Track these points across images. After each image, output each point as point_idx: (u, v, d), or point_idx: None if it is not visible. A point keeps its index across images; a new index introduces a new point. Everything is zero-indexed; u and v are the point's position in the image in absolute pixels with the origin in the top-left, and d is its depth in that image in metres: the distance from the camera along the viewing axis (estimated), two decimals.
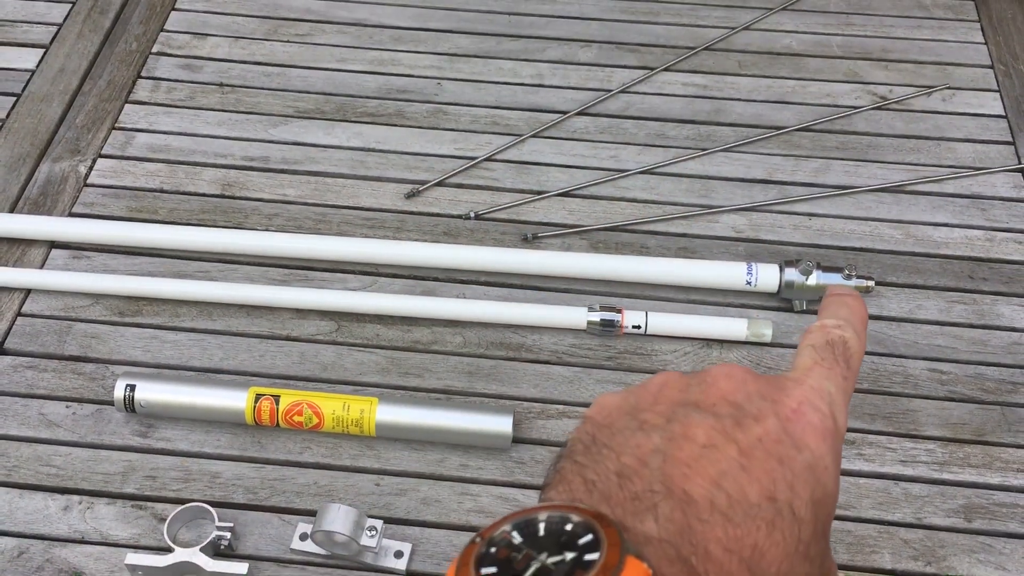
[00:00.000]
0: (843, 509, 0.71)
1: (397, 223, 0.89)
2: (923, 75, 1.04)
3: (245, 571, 0.65)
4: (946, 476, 0.74)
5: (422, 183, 0.92)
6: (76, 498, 0.71)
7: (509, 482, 0.73)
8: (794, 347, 0.79)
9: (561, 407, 0.77)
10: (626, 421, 0.34)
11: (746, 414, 0.33)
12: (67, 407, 0.76)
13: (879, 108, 1.00)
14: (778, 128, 0.98)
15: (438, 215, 0.90)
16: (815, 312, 0.81)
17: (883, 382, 0.79)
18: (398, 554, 0.68)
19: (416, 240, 0.88)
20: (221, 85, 1.01)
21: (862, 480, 0.73)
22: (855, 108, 1.00)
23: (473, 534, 0.25)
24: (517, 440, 0.75)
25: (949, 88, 1.02)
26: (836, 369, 0.36)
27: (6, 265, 0.84)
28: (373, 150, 0.95)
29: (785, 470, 0.32)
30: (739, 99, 1.01)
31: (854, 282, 0.81)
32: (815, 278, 0.81)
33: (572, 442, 0.36)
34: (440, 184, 0.93)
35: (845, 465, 0.74)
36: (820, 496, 0.32)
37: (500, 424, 0.73)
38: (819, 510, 0.32)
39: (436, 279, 0.85)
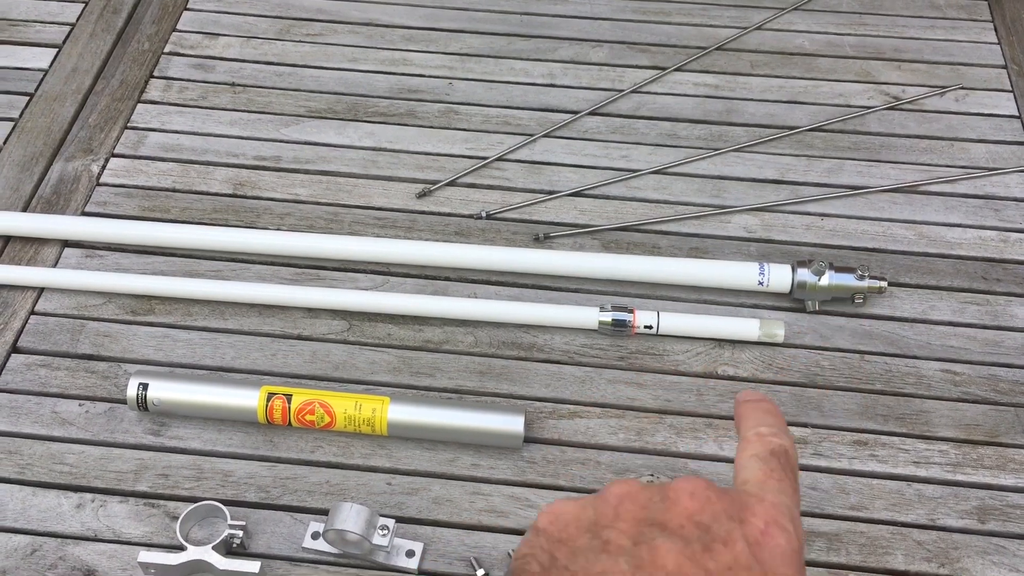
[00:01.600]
0: (856, 510, 0.71)
1: (409, 222, 0.89)
2: (936, 75, 1.03)
3: (257, 569, 0.65)
4: (960, 477, 0.73)
5: (434, 183, 0.92)
6: (89, 496, 0.71)
7: (521, 482, 0.73)
8: (807, 348, 0.80)
9: (572, 407, 0.77)
10: (587, 539, 0.33)
11: (714, 538, 0.33)
12: (80, 405, 0.76)
13: (892, 108, 1.00)
14: (790, 128, 0.98)
15: (450, 215, 0.90)
16: (828, 312, 0.82)
17: (896, 383, 0.79)
18: (410, 553, 0.68)
19: (428, 240, 0.88)
20: (233, 85, 1.01)
21: (875, 481, 0.73)
22: (868, 108, 1.00)
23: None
24: (529, 440, 0.74)
25: (962, 88, 1.02)
26: (787, 481, 0.36)
27: (19, 264, 0.85)
28: (385, 150, 0.95)
29: None
30: (751, 99, 1.01)
31: (867, 282, 0.81)
32: (828, 278, 0.81)
33: (525, 559, 0.34)
34: (452, 184, 0.93)
35: (859, 466, 0.73)
36: None
37: (512, 424, 0.73)
38: None
39: (448, 279, 0.85)
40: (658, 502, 0.34)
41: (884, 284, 0.81)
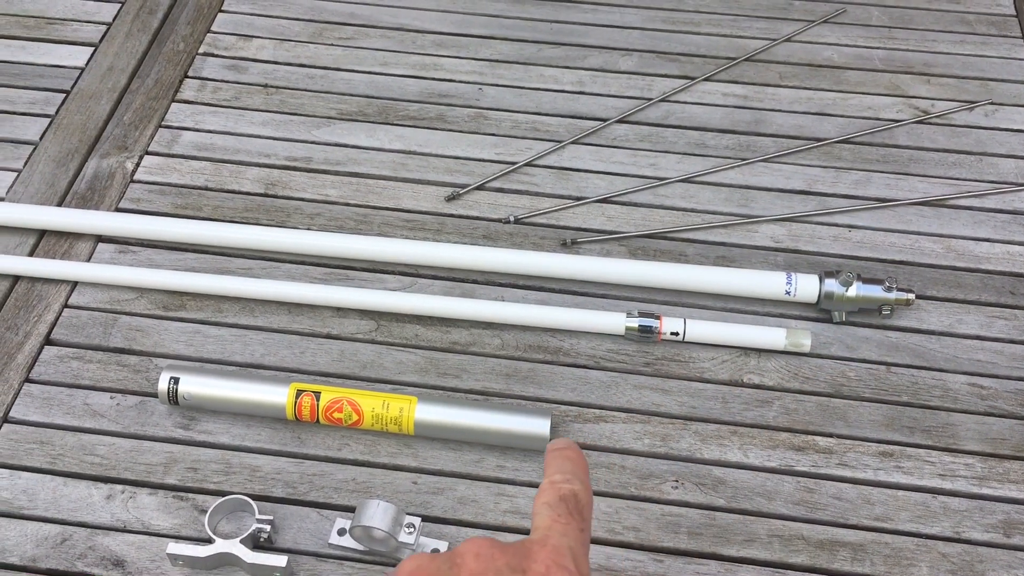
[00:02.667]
0: (880, 521, 0.71)
1: (437, 225, 0.90)
2: (965, 90, 1.03)
3: (284, 563, 0.66)
4: (985, 491, 0.73)
5: (462, 186, 0.93)
6: (119, 487, 0.72)
7: None
8: (833, 358, 0.80)
9: (598, 411, 0.77)
10: None
11: None
12: (111, 398, 0.77)
13: (921, 122, 1.00)
14: (818, 140, 0.98)
15: (478, 218, 0.91)
16: (854, 323, 0.82)
17: (922, 395, 0.79)
18: (435, 552, 0.69)
19: (456, 242, 0.88)
20: (266, 86, 1.02)
21: (900, 493, 0.73)
22: (897, 121, 1.00)
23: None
24: None
25: (992, 103, 1.02)
26: (572, 523, 0.40)
27: (54, 257, 0.86)
28: (414, 153, 0.96)
29: None
30: (779, 110, 1.01)
31: (895, 294, 0.81)
32: (855, 289, 0.81)
33: None
34: (480, 188, 0.93)
35: (884, 477, 0.73)
36: None
37: (538, 426, 0.73)
38: None
39: (475, 281, 0.86)
40: (446, 570, 0.37)
41: (912, 296, 0.81)
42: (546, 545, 0.38)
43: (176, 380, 0.74)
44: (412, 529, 0.66)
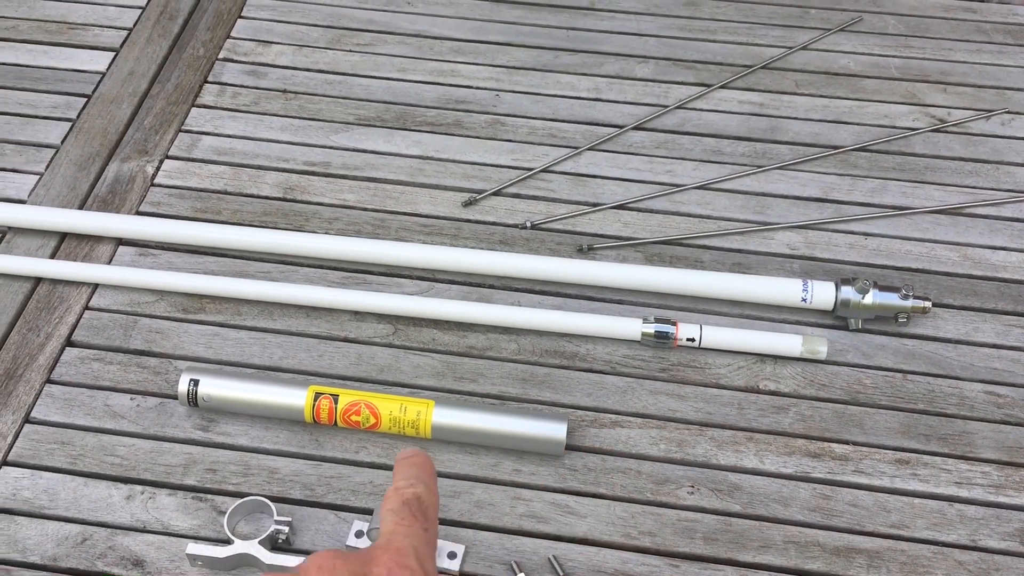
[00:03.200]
0: (897, 528, 0.71)
1: (454, 230, 0.91)
2: (982, 99, 1.03)
3: None
4: (1002, 499, 0.73)
5: (479, 192, 0.93)
6: (139, 488, 0.72)
7: (561, 488, 0.73)
8: (849, 365, 0.80)
9: (614, 416, 0.77)
10: None
11: None
12: (131, 399, 0.78)
13: (937, 131, 1.00)
14: (835, 147, 0.98)
15: (495, 224, 0.91)
16: (870, 331, 0.82)
17: (939, 403, 0.79)
18: (451, 555, 0.69)
19: (473, 248, 0.89)
20: (285, 91, 1.03)
21: (916, 500, 0.73)
22: (913, 130, 1.00)
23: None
24: (570, 447, 0.75)
25: (1008, 112, 1.02)
26: (416, 524, 0.41)
27: (75, 260, 0.87)
28: (432, 158, 0.97)
29: None
30: (796, 118, 1.02)
31: (911, 302, 0.81)
32: (872, 297, 0.81)
33: None
34: (497, 193, 0.94)
35: (900, 484, 0.74)
36: None
37: (554, 431, 0.73)
38: None
39: (492, 286, 0.86)
40: None
41: (928, 304, 0.81)
42: (389, 548, 0.39)
43: (196, 382, 0.75)
44: None
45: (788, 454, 0.75)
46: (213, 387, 0.75)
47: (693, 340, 0.81)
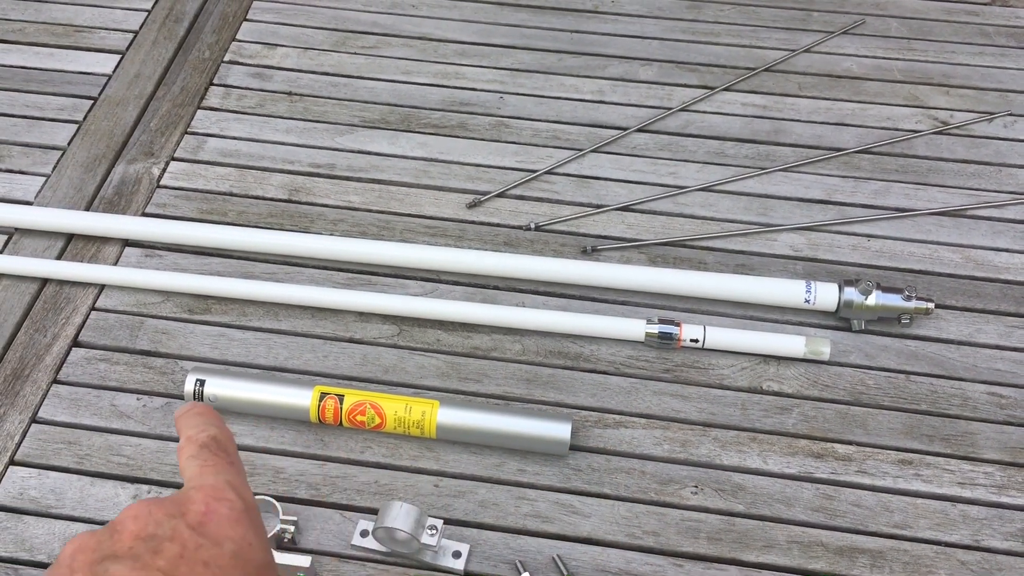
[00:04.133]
0: (899, 528, 0.71)
1: (459, 232, 0.91)
2: (985, 101, 1.04)
3: (308, 563, 0.67)
4: (1004, 500, 0.73)
5: (484, 194, 0.94)
6: (145, 487, 0.73)
7: (566, 488, 0.73)
8: (852, 366, 0.80)
9: (618, 416, 0.78)
10: None
11: (161, 539, 0.36)
12: (138, 399, 0.78)
13: (940, 132, 1.00)
14: (838, 149, 0.98)
15: (499, 225, 0.92)
16: (873, 332, 0.83)
17: (941, 404, 0.79)
18: (456, 554, 0.69)
19: (477, 249, 0.89)
20: (290, 94, 1.03)
21: (919, 500, 0.73)
22: (916, 132, 1.00)
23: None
24: (574, 447, 0.75)
25: (1011, 115, 1.02)
26: (220, 461, 0.41)
27: (82, 261, 0.87)
28: (436, 160, 0.97)
29: (213, 570, 0.35)
30: (799, 120, 1.02)
31: (914, 303, 0.81)
32: (875, 298, 0.81)
33: None
34: (501, 195, 0.94)
35: (903, 485, 0.74)
36: (255, 573, 0.36)
37: (558, 431, 0.74)
38: None
39: (496, 287, 0.87)
40: (107, 539, 0.37)
41: (931, 305, 0.82)
42: (202, 487, 0.39)
43: (202, 382, 0.75)
44: (434, 531, 0.67)
45: (791, 454, 0.75)
46: (219, 387, 0.75)
47: (697, 341, 0.81)
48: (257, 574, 0.37)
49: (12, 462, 0.74)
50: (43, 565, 0.69)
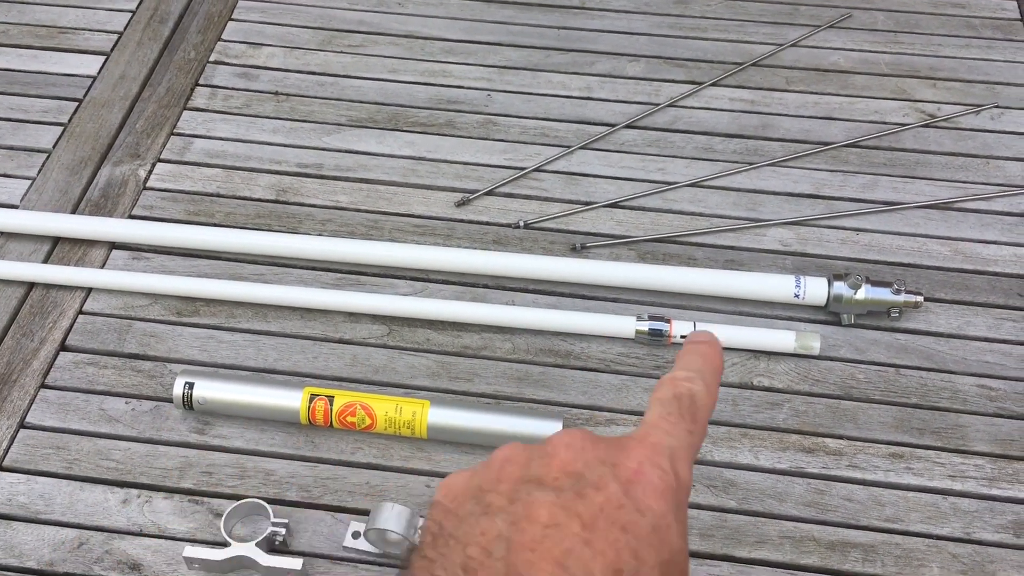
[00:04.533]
0: (891, 522, 0.72)
1: (447, 230, 0.91)
2: (972, 94, 1.04)
3: (300, 566, 0.66)
4: (995, 492, 0.73)
5: (472, 192, 0.94)
6: (135, 492, 0.73)
7: None
8: (842, 360, 0.80)
9: (609, 414, 0.78)
10: (471, 506, 0.34)
11: (587, 483, 0.33)
12: (126, 403, 0.78)
13: (927, 125, 1.00)
14: (826, 144, 0.98)
15: (488, 223, 0.91)
16: (863, 326, 0.83)
17: (931, 397, 0.79)
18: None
19: (466, 247, 0.89)
20: (276, 94, 1.03)
21: (910, 494, 0.73)
22: (903, 125, 1.00)
23: None
24: None
25: (998, 107, 1.02)
26: (681, 424, 0.36)
27: (68, 264, 0.87)
28: (424, 159, 0.97)
29: (629, 537, 0.32)
30: (786, 114, 1.02)
31: (903, 297, 0.81)
32: (864, 292, 0.81)
33: (423, 532, 0.35)
34: (490, 193, 0.94)
35: (894, 479, 0.74)
36: (667, 557, 0.33)
37: (549, 429, 0.74)
38: (668, 570, 0.32)
39: (486, 286, 0.86)
40: (537, 459, 0.35)
41: (920, 299, 0.82)
42: (644, 442, 0.35)
43: (191, 385, 0.75)
44: None
45: (782, 449, 0.76)
46: (208, 390, 0.75)
47: (687, 337, 0.81)
48: (671, 560, 0.33)
49: (0, 468, 0.74)
50: (33, 571, 0.68)
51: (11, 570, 0.68)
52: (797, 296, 0.83)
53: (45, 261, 0.87)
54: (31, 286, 0.85)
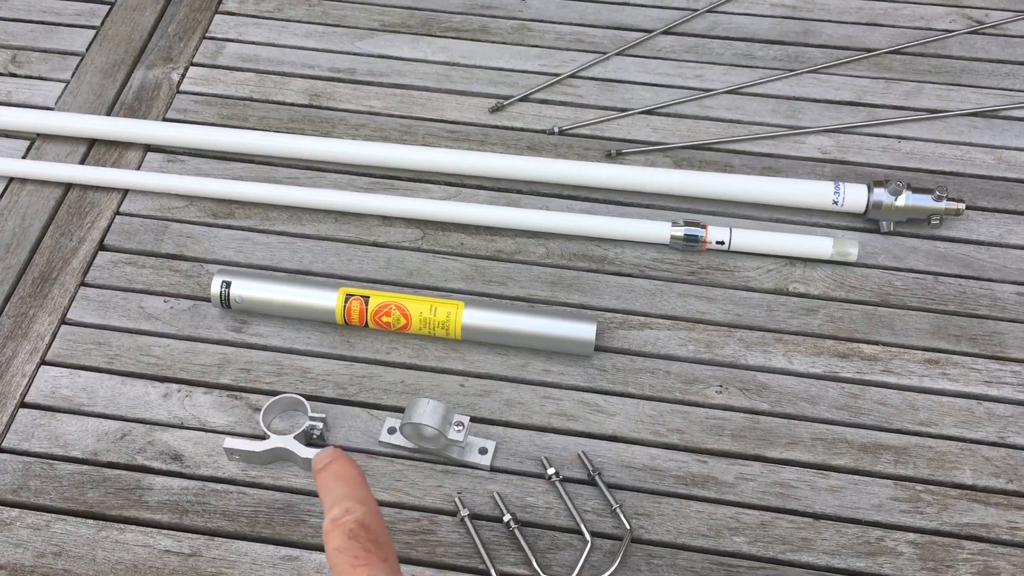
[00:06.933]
0: (924, 426, 0.72)
1: (481, 136, 0.90)
2: None
3: None
4: None
5: (506, 98, 0.93)
6: (175, 386, 0.74)
7: (590, 388, 0.74)
8: (880, 267, 0.80)
9: (643, 318, 0.78)
10: None
11: None
12: (165, 302, 0.79)
13: (974, 32, 0.98)
14: (869, 50, 0.96)
15: (522, 129, 0.90)
16: (901, 234, 0.82)
17: (970, 305, 0.78)
18: (482, 450, 0.70)
19: (500, 153, 0.88)
20: None
21: (945, 399, 0.73)
22: (949, 32, 0.97)
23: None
24: (599, 348, 0.76)
25: None
26: (373, 558, 0.36)
27: (104, 166, 0.87)
28: (458, 64, 0.96)
29: None
30: (829, 20, 0.99)
31: (944, 204, 0.80)
32: (905, 199, 0.80)
33: None
34: (524, 99, 0.93)
35: (929, 384, 0.74)
36: None
37: (583, 331, 0.74)
38: None
39: (520, 192, 0.86)
40: None
41: (962, 206, 0.80)
42: None
43: (228, 284, 0.76)
44: (461, 427, 0.68)
45: (817, 355, 0.75)
46: (245, 288, 0.76)
47: (723, 243, 0.80)
48: None
49: (44, 362, 0.75)
50: (77, 460, 0.70)
51: (57, 459, 0.70)
52: (836, 203, 0.82)
53: (81, 162, 0.88)
54: (68, 187, 0.86)
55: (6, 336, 0.76)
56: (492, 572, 0.64)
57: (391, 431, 0.71)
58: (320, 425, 0.70)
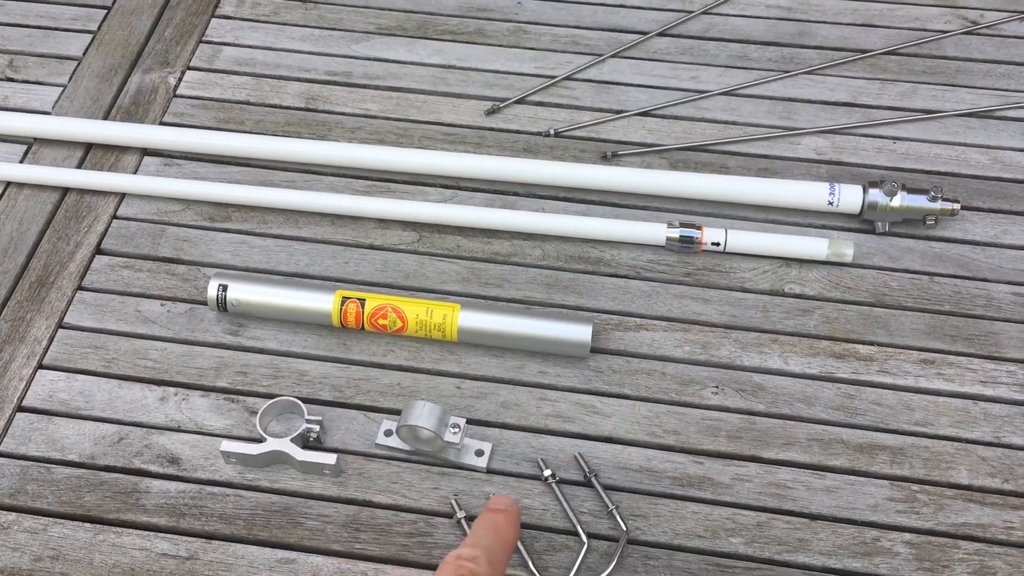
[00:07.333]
0: (920, 426, 0.72)
1: (477, 139, 0.90)
2: (1015, 0, 1.01)
3: (334, 460, 0.68)
4: None
5: (502, 100, 0.93)
6: (172, 390, 0.74)
7: (587, 389, 0.74)
8: (875, 268, 0.80)
9: (639, 320, 0.78)
10: None
11: None
12: (162, 305, 0.79)
13: (969, 33, 0.98)
14: (864, 51, 0.96)
15: (518, 132, 0.91)
16: (897, 235, 0.82)
17: (965, 305, 0.78)
18: (479, 452, 0.70)
19: (496, 155, 0.88)
20: (304, 1, 1.02)
21: (941, 399, 0.73)
22: (944, 32, 0.98)
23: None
24: (595, 350, 0.76)
25: None
26: None
27: (101, 170, 0.87)
28: (454, 67, 0.96)
29: None
30: (824, 21, 0.99)
31: (940, 204, 0.80)
32: (900, 199, 0.80)
33: None
34: (520, 102, 0.93)
35: (925, 384, 0.74)
36: None
37: (579, 333, 0.74)
38: None
39: (516, 194, 0.86)
40: None
41: (957, 206, 0.81)
42: None
43: (225, 287, 0.76)
44: (457, 429, 0.68)
45: (812, 355, 0.75)
46: (242, 292, 0.76)
47: (718, 244, 0.81)
48: None
49: (41, 366, 0.75)
50: (74, 464, 0.70)
51: (54, 463, 0.70)
52: (831, 203, 0.82)
53: (78, 167, 0.88)
54: (65, 191, 0.86)
55: (3, 340, 0.76)
56: None
57: (387, 433, 0.71)
58: (317, 428, 0.70)
